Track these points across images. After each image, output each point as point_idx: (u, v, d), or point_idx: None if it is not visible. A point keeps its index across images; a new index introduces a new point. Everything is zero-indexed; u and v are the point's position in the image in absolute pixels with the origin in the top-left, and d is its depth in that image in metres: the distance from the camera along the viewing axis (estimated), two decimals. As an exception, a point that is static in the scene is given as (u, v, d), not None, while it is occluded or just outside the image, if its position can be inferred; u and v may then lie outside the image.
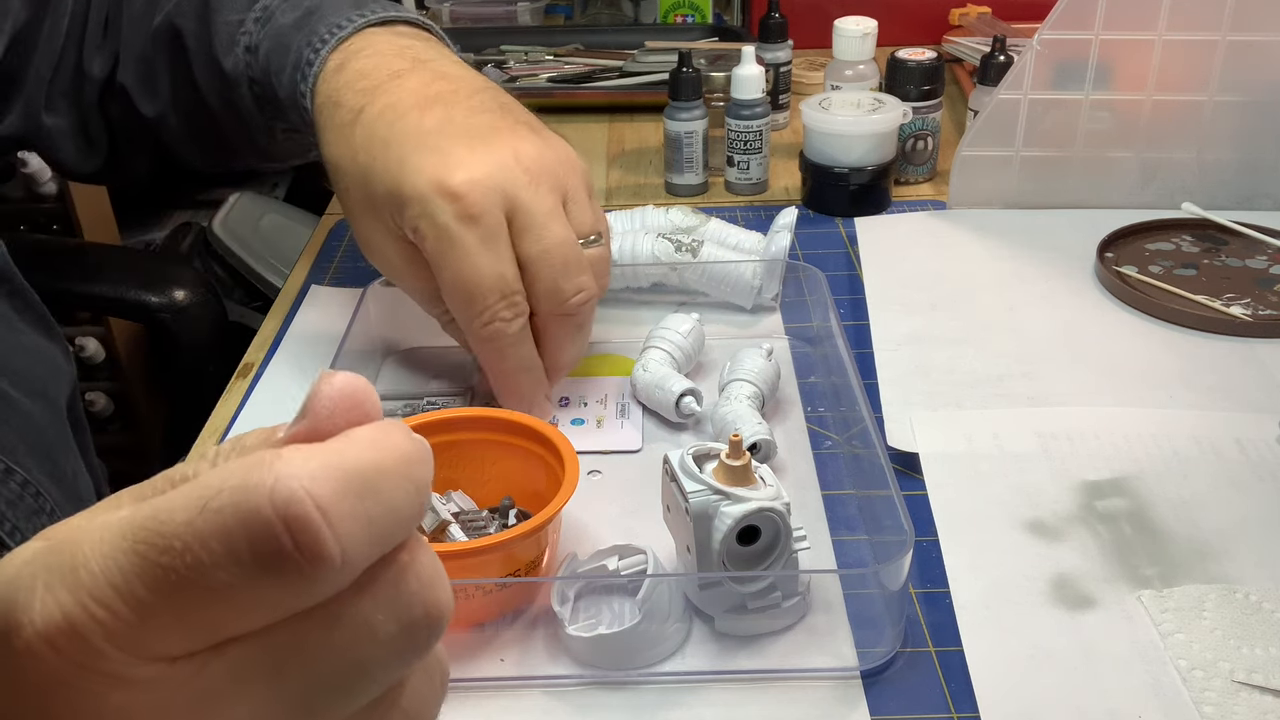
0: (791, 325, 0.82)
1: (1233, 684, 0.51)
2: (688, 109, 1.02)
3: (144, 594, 0.22)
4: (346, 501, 0.23)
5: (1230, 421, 0.69)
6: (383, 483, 0.24)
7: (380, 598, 0.24)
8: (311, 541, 0.22)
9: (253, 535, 0.22)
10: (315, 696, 0.24)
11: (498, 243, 0.62)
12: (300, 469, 0.22)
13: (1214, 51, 0.90)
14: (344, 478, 0.23)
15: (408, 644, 0.25)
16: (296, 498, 0.22)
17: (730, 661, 0.55)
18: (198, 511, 0.22)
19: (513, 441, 0.62)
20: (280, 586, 0.22)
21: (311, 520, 0.22)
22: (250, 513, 0.22)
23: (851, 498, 0.66)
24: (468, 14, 1.56)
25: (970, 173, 0.96)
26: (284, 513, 0.22)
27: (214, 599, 0.22)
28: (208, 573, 0.22)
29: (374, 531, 0.23)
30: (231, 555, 0.22)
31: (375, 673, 0.25)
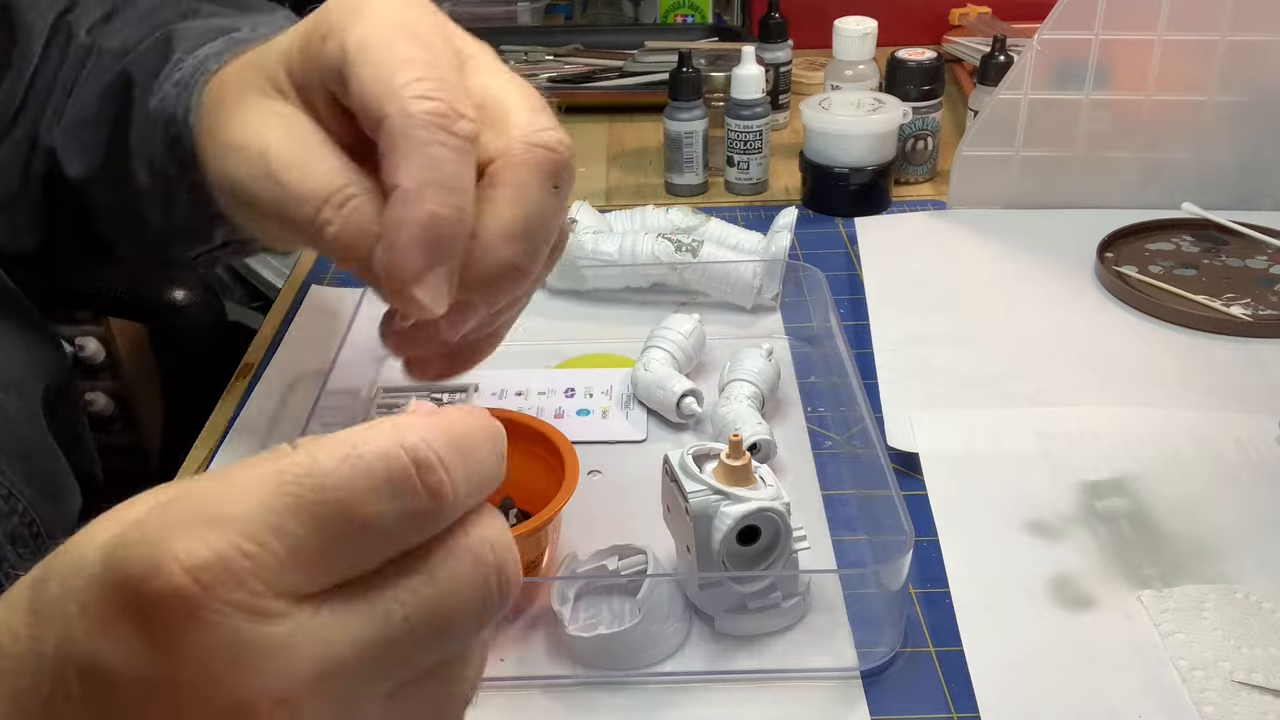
0: (791, 325, 0.82)
1: (1233, 684, 0.52)
2: (688, 109, 1.02)
3: (296, 529, 0.26)
4: (454, 455, 0.28)
5: (1230, 421, 0.69)
6: (476, 445, 0.29)
7: (469, 545, 0.29)
8: (435, 481, 0.27)
9: (391, 474, 0.27)
10: (402, 643, 0.27)
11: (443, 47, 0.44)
12: (419, 427, 0.28)
13: (1214, 51, 0.90)
14: (451, 437, 0.28)
15: (483, 599, 0.29)
16: (421, 446, 0.27)
17: (730, 661, 0.55)
18: (344, 458, 0.27)
19: (512, 441, 0.62)
20: (407, 518, 0.27)
21: (433, 463, 0.27)
22: (389, 457, 0.27)
23: (851, 498, 0.66)
24: (468, 14, 1.56)
25: (970, 173, 0.96)
26: (413, 456, 0.27)
27: (354, 532, 0.26)
28: (354, 506, 0.26)
29: (472, 484, 0.28)
30: (374, 491, 0.26)
31: (454, 626, 0.28)
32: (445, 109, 0.38)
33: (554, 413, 0.73)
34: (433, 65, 0.38)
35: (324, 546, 0.26)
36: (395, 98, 0.37)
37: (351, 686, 0.27)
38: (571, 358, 0.80)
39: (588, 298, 0.86)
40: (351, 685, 0.27)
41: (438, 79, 0.38)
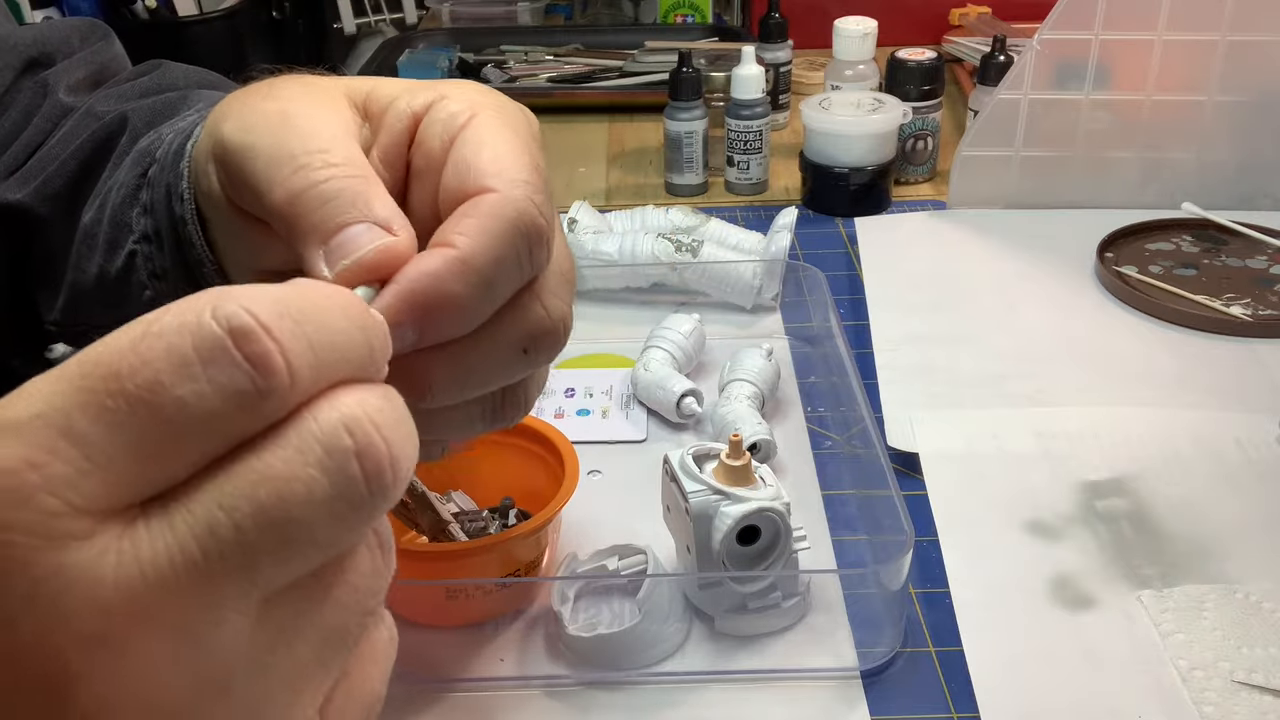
0: (791, 325, 0.82)
1: (1233, 684, 0.52)
2: (688, 109, 1.02)
3: (91, 428, 0.21)
4: (285, 321, 0.23)
5: (1230, 421, 0.69)
6: (319, 312, 0.24)
7: (316, 429, 0.23)
8: (260, 351, 0.22)
9: (200, 346, 0.22)
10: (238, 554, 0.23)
11: None
12: (238, 295, 0.23)
13: (1214, 51, 0.90)
14: (278, 302, 0.23)
15: (340, 490, 0.23)
16: (237, 312, 0.22)
17: (730, 661, 0.55)
18: (140, 337, 0.22)
19: (513, 441, 0.62)
20: (229, 399, 0.22)
21: (255, 330, 0.22)
22: (194, 326, 0.22)
23: (851, 498, 0.66)
24: (468, 14, 1.56)
25: (970, 173, 0.96)
26: (227, 325, 0.22)
27: (164, 424, 0.22)
28: (158, 391, 0.22)
29: (317, 357, 0.23)
30: (183, 369, 0.22)
31: (304, 527, 0.23)
32: (545, 230, 0.33)
33: (554, 413, 0.73)
34: (546, 192, 0.34)
35: (129, 446, 0.22)
36: (512, 186, 0.33)
37: (187, 612, 0.22)
38: (571, 358, 0.80)
39: (588, 298, 0.86)
40: (186, 611, 0.22)
41: (548, 203, 0.34)
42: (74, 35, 0.60)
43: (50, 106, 0.56)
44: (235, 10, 1.75)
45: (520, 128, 0.36)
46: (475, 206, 0.33)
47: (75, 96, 0.57)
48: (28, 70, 0.58)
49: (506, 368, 0.35)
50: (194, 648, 0.22)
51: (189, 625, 0.22)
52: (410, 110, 0.36)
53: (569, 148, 1.17)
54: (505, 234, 0.32)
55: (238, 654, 0.23)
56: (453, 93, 0.36)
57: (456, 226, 0.32)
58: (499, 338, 0.34)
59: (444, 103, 0.36)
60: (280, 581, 0.24)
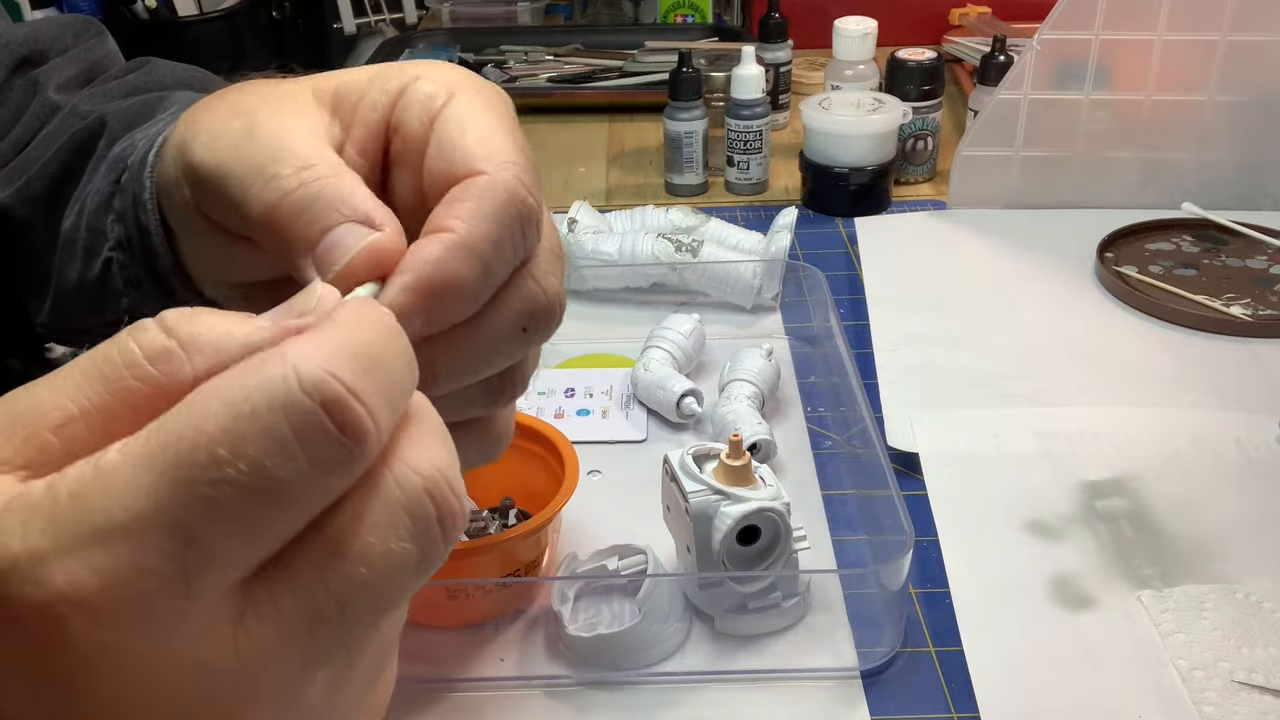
0: (791, 325, 0.82)
1: (1233, 684, 0.52)
2: (688, 109, 1.02)
3: (197, 522, 0.21)
4: (365, 379, 0.23)
5: (1230, 421, 0.69)
6: (383, 357, 0.24)
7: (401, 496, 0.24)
8: (353, 420, 0.22)
9: (296, 424, 0.22)
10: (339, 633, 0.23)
11: None
12: (314, 355, 0.22)
13: (1214, 51, 0.90)
14: (354, 356, 0.23)
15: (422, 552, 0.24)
16: (325, 380, 0.22)
17: (730, 661, 0.55)
18: (233, 419, 0.21)
19: (513, 441, 0.62)
20: (328, 471, 0.22)
21: (345, 399, 0.22)
22: (289, 404, 0.22)
23: (851, 498, 0.66)
24: (468, 14, 1.56)
25: (970, 173, 0.96)
26: (318, 397, 0.22)
27: (267, 507, 0.22)
28: (261, 474, 0.21)
29: (392, 407, 0.24)
30: (282, 450, 0.22)
31: (394, 596, 0.24)
32: (536, 208, 0.33)
33: (554, 413, 0.73)
34: (533, 169, 0.34)
35: (234, 532, 0.22)
36: (501, 168, 0.32)
37: (291, 684, 0.24)
38: (571, 358, 0.80)
39: (588, 298, 0.86)
40: (291, 683, 0.24)
41: (536, 181, 0.33)
42: (67, 33, 0.60)
43: (39, 105, 0.56)
44: (235, 10, 1.75)
45: (498, 106, 0.35)
46: (467, 190, 0.32)
47: (65, 94, 0.57)
48: (20, 68, 0.58)
49: (507, 348, 0.35)
50: (291, 708, 0.24)
51: (291, 692, 0.24)
52: (385, 98, 0.35)
53: (569, 148, 1.17)
54: (500, 216, 0.32)
55: (316, 705, 0.25)
56: (426, 73, 0.36)
57: (451, 211, 0.32)
58: (498, 319, 0.34)
59: (419, 84, 0.35)
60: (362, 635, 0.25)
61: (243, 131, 0.34)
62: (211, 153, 0.35)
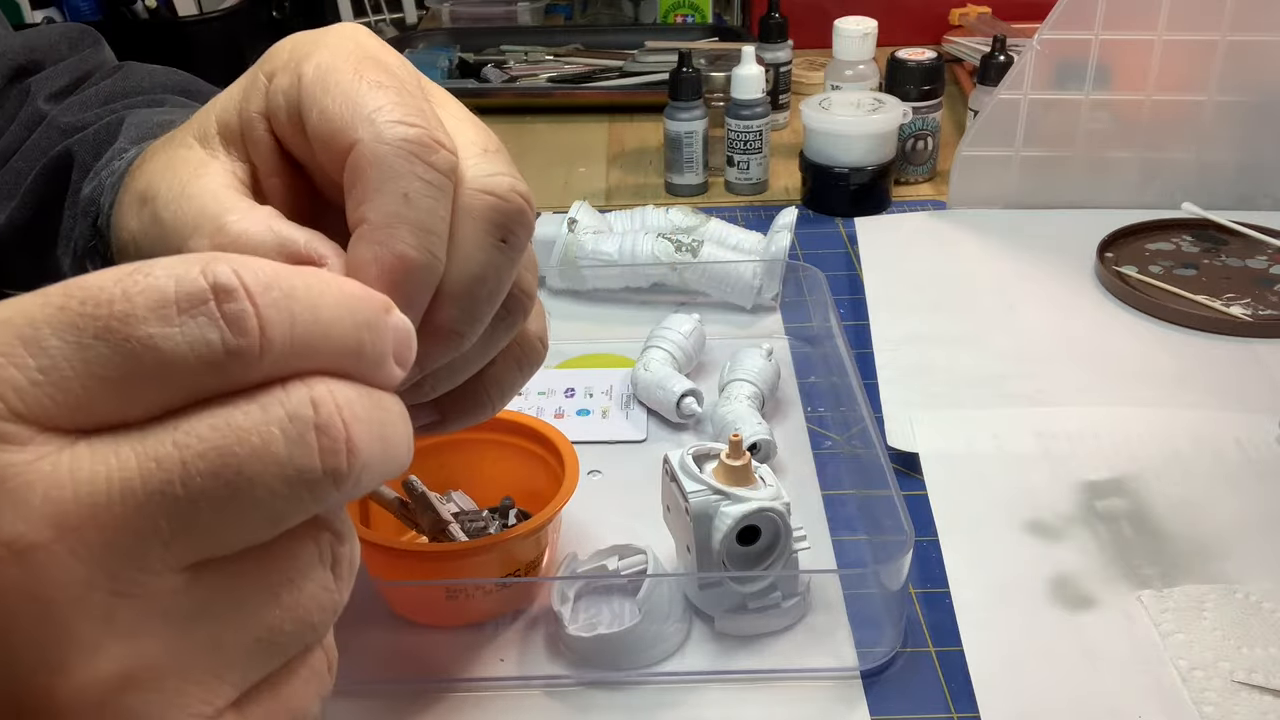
0: (791, 325, 0.82)
1: (1233, 684, 0.52)
2: (688, 109, 1.02)
3: (55, 343, 0.22)
4: (272, 292, 0.23)
5: (1230, 421, 0.69)
6: (313, 296, 0.24)
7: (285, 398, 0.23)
8: (237, 311, 0.23)
9: (181, 292, 0.22)
10: (182, 494, 0.22)
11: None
12: (233, 258, 0.23)
13: (1214, 51, 0.90)
14: (272, 275, 0.23)
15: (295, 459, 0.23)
16: (225, 271, 0.23)
17: (730, 661, 0.55)
18: (129, 273, 0.22)
19: (513, 441, 0.62)
20: (200, 352, 0.22)
21: (236, 290, 0.23)
22: (181, 274, 0.22)
23: (851, 498, 0.66)
24: (468, 14, 1.56)
25: (970, 173, 0.96)
26: (212, 279, 0.22)
27: (129, 357, 0.22)
28: (131, 325, 0.22)
29: (296, 335, 0.24)
30: (159, 309, 0.22)
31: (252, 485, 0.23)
32: (424, 136, 0.32)
33: (554, 413, 0.73)
34: (405, 92, 0.33)
35: (89, 370, 0.22)
36: (367, 122, 0.31)
37: (116, 542, 0.22)
38: (571, 358, 0.80)
39: (588, 298, 0.86)
40: (116, 540, 0.22)
41: (414, 106, 0.32)
42: (63, 42, 0.60)
43: (27, 114, 0.56)
44: (235, 10, 1.75)
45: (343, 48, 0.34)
46: (354, 172, 0.32)
47: (54, 104, 0.56)
48: (16, 78, 0.58)
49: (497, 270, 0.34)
50: (111, 579, 0.22)
51: (111, 555, 0.22)
52: (258, 118, 0.35)
53: (569, 148, 1.17)
54: (394, 177, 0.31)
55: (155, 603, 0.23)
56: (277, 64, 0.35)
57: (354, 199, 0.31)
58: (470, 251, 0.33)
59: (275, 83, 0.34)
60: (218, 544, 0.23)
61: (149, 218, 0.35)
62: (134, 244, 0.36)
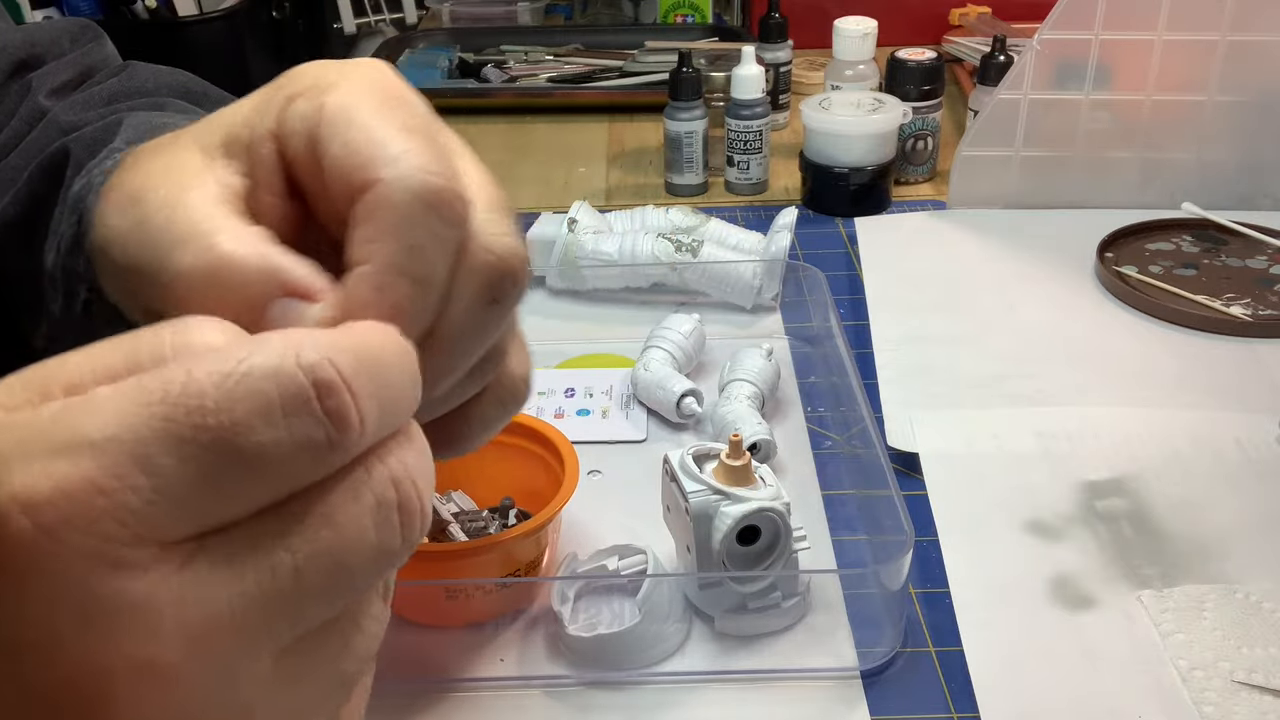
0: (791, 325, 0.82)
1: (1233, 684, 0.52)
2: (688, 109, 1.02)
3: (165, 460, 0.22)
4: (362, 376, 0.24)
5: (1230, 421, 0.69)
6: (387, 366, 0.25)
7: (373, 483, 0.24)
8: (339, 406, 0.23)
9: (285, 395, 0.22)
10: (293, 598, 0.23)
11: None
12: (320, 341, 0.23)
13: (1214, 51, 0.90)
14: (358, 354, 0.24)
15: (384, 543, 0.24)
16: (322, 364, 0.23)
17: (730, 661, 0.55)
18: (227, 375, 0.22)
19: (513, 441, 0.62)
20: (303, 450, 0.23)
21: (337, 385, 0.23)
22: (281, 374, 0.22)
23: (851, 498, 0.66)
24: (468, 14, 1.56)
25: (970, 173, 0.96)
26: (313, 376, 0.23)
27: (237, 466, 0.22)
28: (238, 435, 0.22)
29: (382, 414, 0.24)
30: (264, 416, 0.22)
31: (353, 575, 0.24)
32: (445, 190, 0.30)
33: (554, 413, 0.73)
34: (431, 139, 0.32)
35: (200, 482, 0.22)
36: (392, 164, 0.30)
37: (233, 648, 0.23)
38: (571, 358, 0.80)
39: (588, 298, 0.86)
40: (233, 647, 0.23)
41: (439, 154, 0.31)
42: (64, 37, 0.60)
43: (28, 110, 0.55)
44: (235, 10, 1.75)
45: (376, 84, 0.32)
46: (367, 210, 0.30)
47: (55, 99, 0.56)
48: (17, 72, 0.58)
49: (483, 327, 0.33)
50: (231, 682, 0.23)
51: (233, 659, 0.23)
52: (268, 136, 0.33)
53: (569, 148, 1.17)
54: (407, 224, 0.30)
55: (262, 688, 0.24)
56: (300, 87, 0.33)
57: (358, 237, 0.30)
58: (462, 305, 0.32)
59: (295, 106, 0.33)
60: (312, 624, 0.24)
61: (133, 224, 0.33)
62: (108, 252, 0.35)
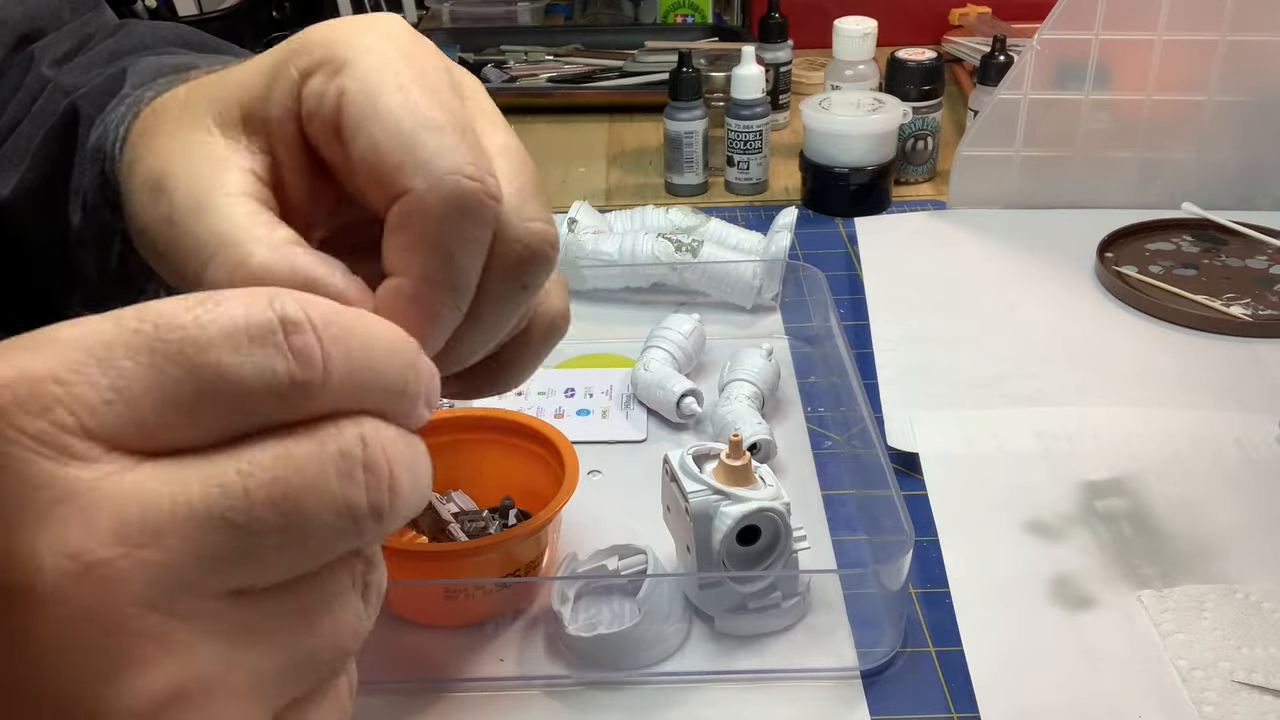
0: (791, 325, 0.82)
1: (1233, 684, 0.52)
2: (688, 109, 1.02)
3: (127, 364, 0.23)
4: (333, 329, 0.24)
5: (1230, 421, 0.69)
6: (368, 338, 0.25)
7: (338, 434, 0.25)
8: (304, 345, 0.24)
9: (252, 323, 0.23)
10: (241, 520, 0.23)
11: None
12: (300, 297, 0.25)
13: (1214, 51, 0.90)
14: (334, 313, 0.25)
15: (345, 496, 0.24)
16: (293, 305, 0.24)
17: (730, 661, 0.55)
18: (201, 301, 0.23)
19: (513, 441, 0.62)
20: (266, 380, 0.23)
21: (304, 325, 0.24)
22: (254, 307, 0.24)
23: (851, 498, 0.66)
24: (468, 14, 1.56)
25: (970, 173, 0.96)
26: (281, 312, 0.24)
27: (200, 381, 0.23)
28: (202, 350, 0.23)
29: (352, 372, 0.25)
30: (229, 338, 0.23)
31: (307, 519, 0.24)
32: (477, 192, 0.30)
33: (554, 413, 0.73)
34: (458, 129, 0.30)
35: (160, 393, 0.23)
36: (422, 170, 0.30)
37: (175, 563, 0.22)
38: (571, 358, 0.80)
39: (588, 298, 0.86)
40: (175, 562, 0.22)
41: (469, 149, 0.30)
42: (64, 6, 0.59)
43: (32, 80, 0.55)
44: (235, 10, 1.75)
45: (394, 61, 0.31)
46: (401, 220, 0.30)
47: (58, 69, 0.55)
48: (19, 45, 0.58)
49: (513, 308, 0.34)
50: (168, 598, 0.23)
51: (169, 575, 0.22)
52: (288, 115, 0.33)
53: (569, 148, 1.17)
54: (443, 236, 0.30)
55: (204, 624, 0.23)
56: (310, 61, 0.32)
57: (394, 244, 0.30)
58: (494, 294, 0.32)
59: (311, 83, 0.32)
60: (268, 572, 0.24)
61: (163, 218, 0.33)
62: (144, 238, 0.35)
